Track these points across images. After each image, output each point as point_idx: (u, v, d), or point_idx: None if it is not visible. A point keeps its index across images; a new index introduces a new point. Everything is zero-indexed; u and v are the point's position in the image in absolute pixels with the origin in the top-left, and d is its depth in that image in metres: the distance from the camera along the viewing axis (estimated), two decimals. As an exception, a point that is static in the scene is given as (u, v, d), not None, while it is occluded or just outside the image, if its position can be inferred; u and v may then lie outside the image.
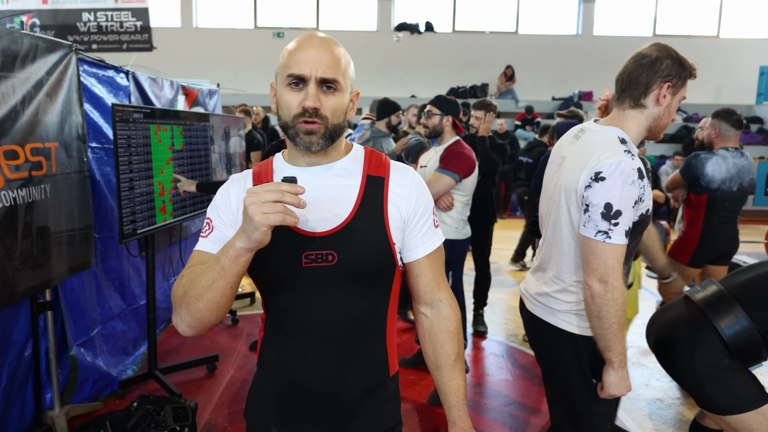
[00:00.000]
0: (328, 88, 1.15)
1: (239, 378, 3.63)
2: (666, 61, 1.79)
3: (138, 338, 3.87)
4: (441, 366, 1.30)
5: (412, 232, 1.26)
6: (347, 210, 1.18)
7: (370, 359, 1.24)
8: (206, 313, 1.09)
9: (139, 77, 3.87)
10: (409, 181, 1.26)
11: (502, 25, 13.96)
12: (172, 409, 2.91)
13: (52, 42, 2.66)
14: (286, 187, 0.98)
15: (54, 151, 2.63)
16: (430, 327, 1.32)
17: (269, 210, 0.96)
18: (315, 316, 1.18)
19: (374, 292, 1.22)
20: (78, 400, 3.10)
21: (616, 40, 13.52)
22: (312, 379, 1.21)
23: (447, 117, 3.51)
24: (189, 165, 3.81)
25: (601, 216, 1.62)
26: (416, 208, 1.25)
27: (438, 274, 1.32)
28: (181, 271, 1.18)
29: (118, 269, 3.61)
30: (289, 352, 1.21)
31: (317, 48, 1.15)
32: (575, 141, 1.85)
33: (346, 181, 1.22)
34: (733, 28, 13.84)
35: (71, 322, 3.06)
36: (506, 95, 13.15)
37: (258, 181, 1.26)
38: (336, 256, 1.15)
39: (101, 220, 3.31)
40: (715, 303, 2.00)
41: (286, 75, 1.15)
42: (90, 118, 3.24)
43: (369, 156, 1.28)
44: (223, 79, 8.19)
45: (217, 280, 1.05)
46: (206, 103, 5.37)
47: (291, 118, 1.15)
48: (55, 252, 2.63)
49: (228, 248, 1.04)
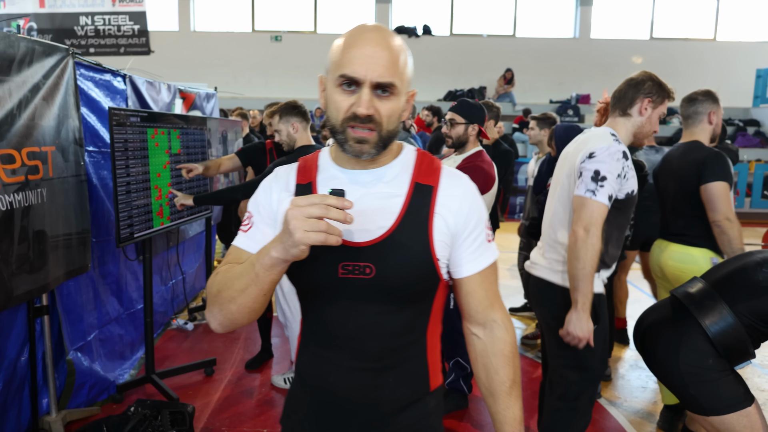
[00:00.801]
0: (383, 91, 1.05)
1: (237, 382, 3.62)
2: (648, 83, 2.28)
3: (135, 342, 3.86)
4: (495, 393, 1.21)
5: (461, 247, 1.16)
6: (390, 221, 1.10)
7: (408, 373, 1.17)
8: (238, 316, 1.06)
9: (136, 81, 3.87)
10: (460, 192, 1.16)
11: (499, 28, 14.00)
12: (170, 413, 2.90)
13: (48, 46, 2.66)
14: (333, 201, 0.90)
15: (51, 155, 2.62)
16: (483, 350, 1.23)
17: (311, 228, 0.89)
18: (349, 327, 1.12)
19: (413, 307, 1.14)
20: (75, 404, 3.09)
21: (614, 44, 13.57)
22: (346, 390, 1.15)
23: (473, 125, 3.13)
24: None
25: (590, 179, 2.07)
26: (467, 222, 1.15)
27: (492, 292, 1.22)
28: (217, 267, 1.14)
29: (115, 273, 3.60)
30: (323, 361, 1.16)
31: (374, 45, 1.04)
32: (574, 141, 2.34)
33: (392, 189, 1.13)
34: (730, 32, 13.90)
35: (68, 326, 3.05)
36: (504, 98, 13.17)
37: (302, 178, 1.18)
38: (374, 269, 1.08)
39: (98, 224, 3.30)
40: (699, 300, 2.00)
41: (338, 75, 1.05)
42: (87, 121, 3.23)
43: (420, 160, 1.18)
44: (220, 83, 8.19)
45: (251, 285, 1.01)
46: (204, 106, 5.36)
47: (340, 122, 1.07)
48: (51, 256, 2.62)
49: (263, 255, 0.98)
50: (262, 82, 13.35)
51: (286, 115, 3.28)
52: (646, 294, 5.79)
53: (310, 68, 13.66)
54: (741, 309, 1.93)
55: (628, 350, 4.27)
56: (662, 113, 2.31)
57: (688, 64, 13.57)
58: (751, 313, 1.92)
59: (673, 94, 2.33)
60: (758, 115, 12.81)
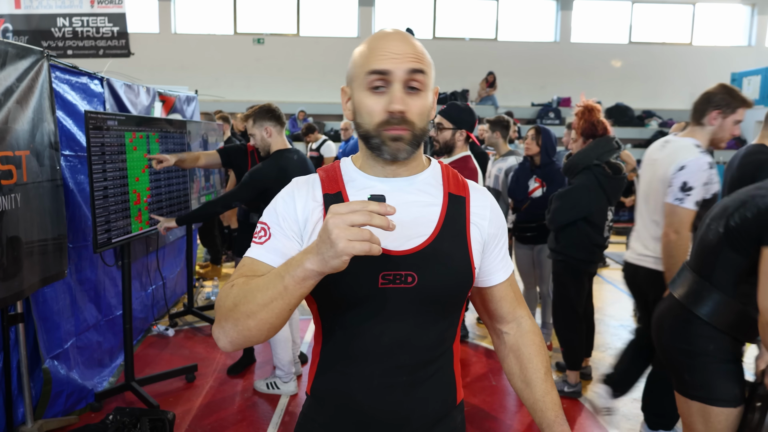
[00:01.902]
0: (412, 89, 1.04)
1: (219, 388, 3.59)
2: (719, 95, 2.62)
3: (114, 349, 3.80)
4: (532, 381, 1.23)
5: (491, 255, 1.19)
6: (429, 229, 1.09)
7: (438, 388, 1.14)
8: (255, 332, 0.96)
9: (114, 84, 3.82)
10: (489, 203, 1.19)
11: (481, 32, 14.08)
12: (150, 421, 2.86)
13: (22, 48, 2.61)
14: (375, 207, 0.84)
15: (25, 159, 2.57)
16: (515, 343, 1.26)
17: (355, 237, 0.83)
18: (384, 341, 1.08)
19: (447, 317, 1.14)
20: (52, 414, 3.03)
21: (593, 47, 13.73)
22: (375, 409, 1.10)
23: (461, 131, 3.06)
24: (165, 173, 3.76)
25: (679, 189, 2.55)
26: (496, 231, 1.19)
27: (518, 292, 1.28)
28: (229, 279, 1.06)
29: (93, 279, 3.54)
30: (350, 379, 1.11)
31: (399, 41, 1.05)
32: (662, 148, 2.78)
33: (428, 198, 1.12)
34: (706, 36, 14.15)
35: (44, 334, 3.00)
36: (486, 101, 13.25)
37: (328, 188, 1.12)
38: (416, 278, 1.05)
39: (75, 230, 3.25)
40: (687, 289, 2.02)
41: (367, 72, 1.04)
42: (63, 125, 3.18)
43: (446, 172, 1.19)
44: (202, 86, 8.12)
45: (277, 299, 0.92)
46: (184, 109, 5.31)
47: (374, 126, 1.05)
48: (26, 263, 2.57)
49: (295, 267, 0.90)
50: (245, 84, 13.26)
51: (259, 120, 3.26)
52: (627, 293, 5.87)
53: (292, 71, 13.65)
54: (720, 279, 1.91)
55: (608, 350, 4.31)
56: (737, 120, 2.64)
57: (665, 68, 13.79)
58: (728, 277, 1.89)
59: (750, 102, 2.65)
60: (734, 117, 13.03)
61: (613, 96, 12.99)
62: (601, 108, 3.49)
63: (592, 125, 3.39)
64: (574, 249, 3.37)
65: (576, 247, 3.37)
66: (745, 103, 2.62)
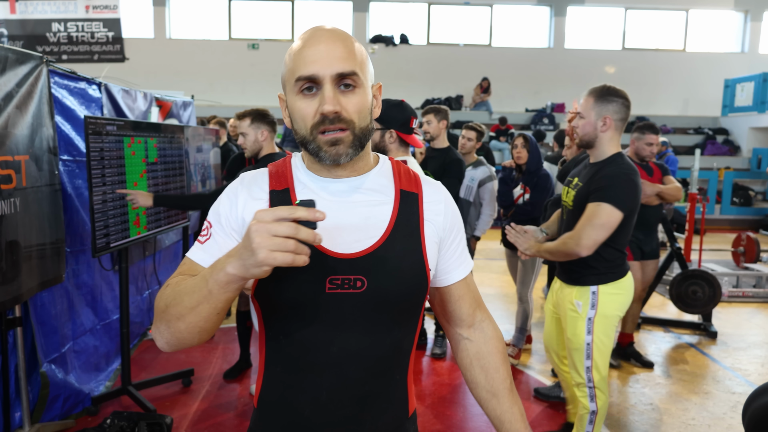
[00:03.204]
0: (347, 86, 0.98)
1: (215, 392, 3.59)
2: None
3: (111, 354, 3.80)
4: (498, 392, 1.17)
5: (448, 252, 1.13)
6: (380, 230, 1.03)
7: (390, 400, 1.08)
8: (187, 335, 0.94)
9: (112, 89, 3.84)
10: (443, 197, 1.13)
11: (475, 38, 14.17)
12: (147, 425, 2.87)
13: (22, 54, 2.63)
14: (303, 213, 0.80)
15: (24, 164, 2.58)
16: (478, 351, 1.19)
17: (278, 247, 0.79)
18: (333, 351, 1.01)
19: (402, 325, 1.07)
20: (49, 418, 3.03)
21: (587, 54, 13.83)
22: (324, 424, 1.04)
23: (389, 131, 2.63)
24: (164, 177, 3.77)
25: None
26: (452, 227, 1.13)
27: (476, 293, 1.21)
28: (168, 278, 1.03)
29: (90, 284, 3.55)
30: (297, 392, 1.04)
31: (326, 41, 0.98)
32: None
33: (378, 197, 1.06)
34: (699, 43, 14.28)
35: (41, 338, 3.00)
36: (480, 107, 13.32)
37: (276, 184, 1.07)
38: (366, 282, 0.99)
39: (73, 234, 3.25)
40: None
41: (295, 80, 0.99)
42: (61, 130, 3.20)
43: (397, 168, 1.13)
44: (197, 91, 8.14)
45: (202, 303, 0.89)
46: (180, 114, 5.33)
47: (309, 130, 0.99)
48: (25, 267, 2.58)
49: (218, 271, 0.86)
50: (239, 90, 13.29)
51: (257, 122, 3.29)
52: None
53: (287, 76, 13.69)
54: None
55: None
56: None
57: (659, 74, 13.91)
58: None
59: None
60: (727, 123, 13.16)
61: (606, 102, 13.07)
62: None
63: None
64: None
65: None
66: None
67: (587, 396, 2.56)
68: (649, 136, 3.90)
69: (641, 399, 3.63)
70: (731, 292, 5.92)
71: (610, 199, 2.32)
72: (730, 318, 5.30)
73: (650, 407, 3.52)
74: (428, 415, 3.35)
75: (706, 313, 4.87)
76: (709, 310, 4.82)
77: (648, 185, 3.74)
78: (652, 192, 3.79)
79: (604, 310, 2.49)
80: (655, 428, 3.27)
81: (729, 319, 5.28)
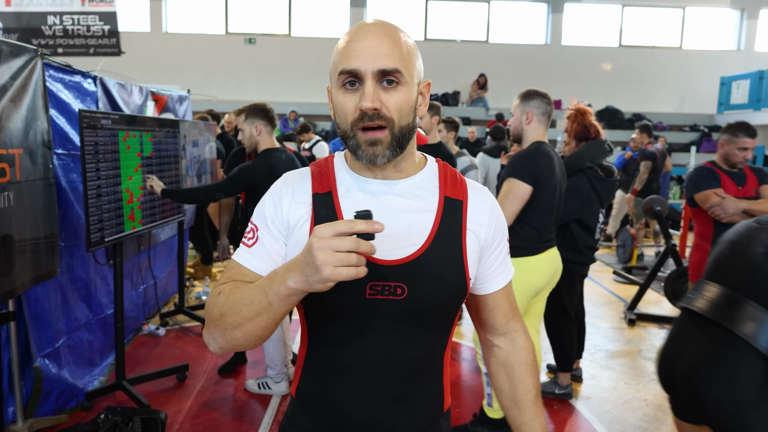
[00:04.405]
0: (389, 82, 0.97)
1: (210, 388, 3.58)
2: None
3: (105, 348, 3.79)
4: (521, 402, 1.18)
5: (488, 261, 1.12)
6: (422, 237, 1.02)
7: (426, 398, 1.11)
8: (243, 342, 0.96)
9: (107, 83, 3.81)
10: (488, 206, 1.11)
11: (473, 34, 14.15)
12: (141, 420, 2.86)
13: (16, 46, 2.60)
14: (362, 226, 0.81)
15: (18, 157, 2.56)
16: (506, 360, 1.20)
17: (341, 263, 0.81)
18: (371, 352, 1.04)
19: (438, 329, 1.08)
20: (42, 413, 3.02)
21: (584, 50, 13.84)
22: (361, 419, 1.07)
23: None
24: (159, 172, 3.75)
25: None
26: (495, 236, 1.12)
27: (513, 303, 1.21)
28: (217, 283, 1.04)
29: (84, 278, 3.53)
30: (336, 388, 1.07)
31: (372, 36, 0.98)
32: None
33: (422, 203, 1.05)
34: (695, 40, 14.31)
35: (35, 332, 2.98)
36: (477, 103, 13.32)
37: (318, 187, 1.06)
38: (406, 290, 1.00)
39: (67, 228, 3.24)
40: (730, 311, 1.63)
41: (338, 73, 0.98)
42: (56, 124, 3.17)
43: (444, 172, 1.11)
44: (193, 85, 8.09)
45: (261, 314, 0.91)
46: (176, 109, 5.30)
47: (349, 126, 0.99)
48: (18, 261, 2.56)
49: (279, 284, 0.88)
50: (236, 84, 13.25)
51: (251, 117, 3.29)
52: (617, 296, 5.92)
53: (283, 71, 13.64)
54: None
55: (598, 351, 4.35)
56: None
57: (655, 71, 13.93)
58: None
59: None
60: (723, 121, 13.19)
61: (603, 99, 13.10)
62: (592, 111, 3.53)
63: (584, 128, 3.43)
64: (566, 251, 3.40)
65: (568, 249, 3.39)
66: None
67: (480, 357, 2.76)
68: (743, 140, 3.25)
69: (635, 395, 3.64)
70: (726, 289, 5.93)
71: (515, 173, 2.67)
72: (725, 315, 5.32)
73: (644, 403, 3.53)
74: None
75: (700, 310, 4.88)
76: (704, 307, 4.83)
77: (731, 202, 3.16)
78: (735, 210, 3.14)
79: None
80: (650, 423, 3.29)
81: (723, 316, 5.29)
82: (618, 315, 5.28)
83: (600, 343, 4.54)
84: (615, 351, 4.39)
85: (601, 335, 4.73)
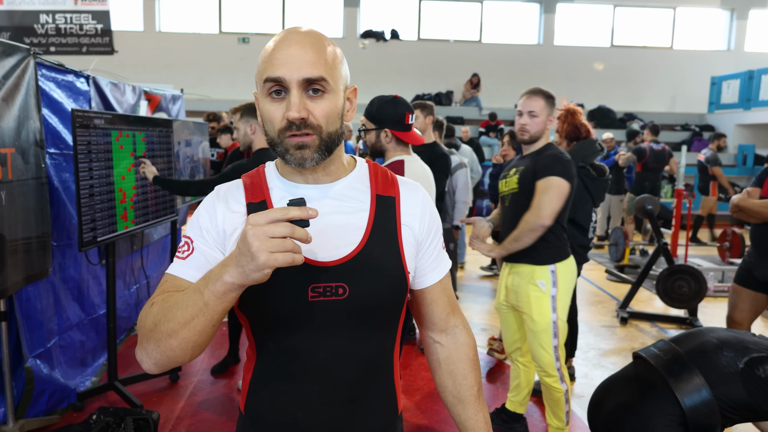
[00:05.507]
0: (315, 91, 0.98)
1: (203, 388, 3.58)
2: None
3: (97, 349, 3.78)
4: (465, 399, 1.18)
5: (424, 255, 1.14)
6: (358, 236, 1.04)
7: (379, 400, 1.11)
8: (179, 352, 0.91)
9: (100, 82, 3.80)
10: (420, 200, 1.13)
11: (466, 34, 14.18)
12: (133, 420, 2.85)
13: (8, 46, 2.60)
14: (296, 212, 0.81)
15: (10, 157, 2.56)
16: (448, 356, 1.20)
17: (277, 248, 0.80)
18: (320, 356, 1.03)
19: (385, 327, 1.09)
20: (33, 413, 3.01)
21: (576, 50, 13.90)
22: (316, 426, 1.06)
23: (384, 131, 2.54)
24: (151, 171, 3.74)
25: None
26: (429, 230, 1.13)
27: (451, 298, 1.21)
28: (151, 297, 1.01)
29: (76, 278, 3.52)
30: (288, 397, 1.06)
31: (296, 45, 0.97)
32: None
33: (354, 203, 1.07)
34: (686, 41, 14.40)
35: (27, 332, 2.97)
36: (470, 102, 13.34)
37: (252, 196, 1.07)
38: (347, 289, 1.01)
39: (60, 228, 3.22)
40: (677, 370, 1.82)
41: (263, 81, 0.98)
42: (48, 123, 3.16)
43: (374, 171, 1.13)
44: (187, 85, 8.08)
45: (198, 316, 0.88)
46: (169, 108, 5.29)
47: (276, 134, 0.99)
48: (10, 261, 2.55)
49: (214, 281, 0.86)
50: (229, 84, 13.20)
51: (246, 115, 3.29)
52: (609, 294, 5.95)
53: (277, 71, 13.60)
54: (721, 392, 1.77)
55: (591, 349, 4.37)
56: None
57: (646, 71, 14.01)
58: (723, 396, 1.77)
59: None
60: (713, 120, 13.28)
61: (595, 98, 13.16)
62: (583, 110, 3.55)
63: (575, 128, 3.45)
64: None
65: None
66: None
67: (558, 379, 2.72)
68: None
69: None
70: (717, 287, 5.99)
71: (558, 173, 2.61)
72: (716, 312, 5.37)
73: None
74: (415, 410, 3.37)
75: (692, 307, 4.93)
76: (695, 304, 4.88)
77: (735, 196, 3.14)
78: (731, 204, 3.13)
79: (563, 287, 2.69)
80: (641, 422, 3.31)
81: (714, 313, 5.34)
82: (610, 313, 5.31)
83: (592, 341, 4.57)
84: (607, 349, 4.42)
85: (594, 334, 4.75)
